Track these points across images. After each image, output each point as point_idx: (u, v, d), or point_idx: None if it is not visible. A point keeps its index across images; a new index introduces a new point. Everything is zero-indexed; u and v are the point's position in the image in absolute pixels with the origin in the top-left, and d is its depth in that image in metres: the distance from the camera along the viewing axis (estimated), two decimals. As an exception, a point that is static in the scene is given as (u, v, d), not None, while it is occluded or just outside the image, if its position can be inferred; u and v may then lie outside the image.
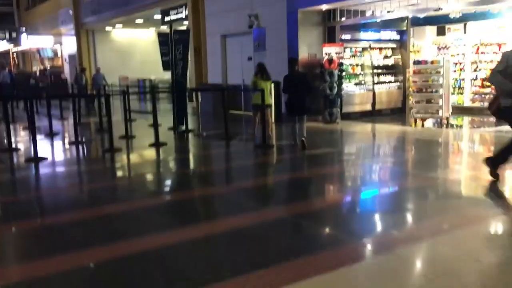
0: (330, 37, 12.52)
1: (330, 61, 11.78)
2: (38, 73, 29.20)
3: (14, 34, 32.06)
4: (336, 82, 11.90)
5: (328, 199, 6.10)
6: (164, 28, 18.13)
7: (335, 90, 11.90)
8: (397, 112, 13.65)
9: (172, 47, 11.48)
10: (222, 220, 5.08)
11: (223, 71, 15.85)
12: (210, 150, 9.72)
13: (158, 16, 19.19)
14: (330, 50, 12.05)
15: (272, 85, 9.90)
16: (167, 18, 18.35)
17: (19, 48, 34.22)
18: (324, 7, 11.89)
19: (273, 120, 11.42)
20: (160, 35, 12.08)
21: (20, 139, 11.28)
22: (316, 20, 12.45)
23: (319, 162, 8.01)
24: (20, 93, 19.44)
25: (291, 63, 8.72)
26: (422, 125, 11.45)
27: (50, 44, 30.85)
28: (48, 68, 30.78)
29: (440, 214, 5.00)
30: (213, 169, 7.98)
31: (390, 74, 13.73)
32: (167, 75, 20.89)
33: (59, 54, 30.74)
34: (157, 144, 9.33)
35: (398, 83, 13.82)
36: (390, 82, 13.71)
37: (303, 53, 12.29)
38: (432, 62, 10.77)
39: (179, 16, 17.54)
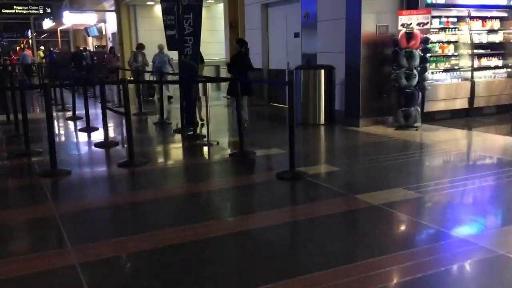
0: (410, 0, 8.50)
1: (410, 36, 7.82)
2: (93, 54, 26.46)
3: (55, 11, 30.18)
4: (417, 68, 7.95)
5: None
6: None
7: (415, 80, 7.96)
8: (507, 111, 9.49)
9: (180, 16, 8.04)
10: None
11: (264, 52, 12.21)
12: (199, 183, 5.85)
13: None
14: (410, 20, 8.05)
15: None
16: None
17: (64, 27, 32.39)
18: (402, -47, 7.89)
19: (322, 121, 9.00)
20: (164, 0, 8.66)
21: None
22: (389, -24, 8.43)
23: (376, 224, 4.19)
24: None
25: (238, 43, 8.72)
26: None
27: (94, 22, 28.64)
28: (96, 47, 28.57)
29: None
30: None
31: (497, 56, 9.52)
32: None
33: (103, 33, 28.45)
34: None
35: (509, 70, 9.59)
36: (497, 67, 9.51)
37: (368, 25, 8.38)
38: None
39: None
